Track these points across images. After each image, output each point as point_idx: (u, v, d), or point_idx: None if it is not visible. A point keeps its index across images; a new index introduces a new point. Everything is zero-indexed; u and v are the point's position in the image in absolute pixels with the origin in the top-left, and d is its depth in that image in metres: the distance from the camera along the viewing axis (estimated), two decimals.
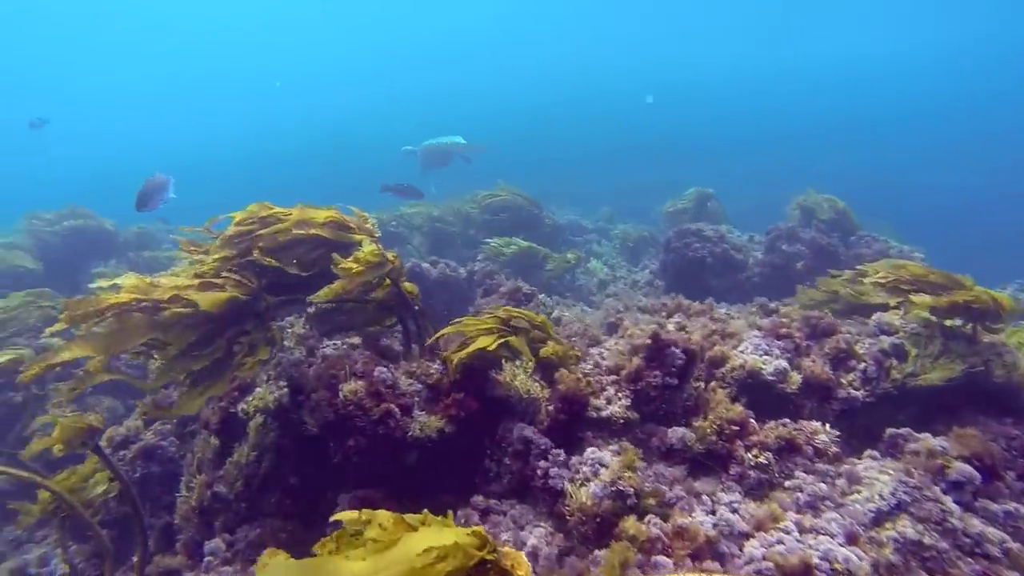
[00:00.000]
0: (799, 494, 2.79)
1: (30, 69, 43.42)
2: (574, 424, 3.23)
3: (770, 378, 3.36)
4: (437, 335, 3.81)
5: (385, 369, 3.28)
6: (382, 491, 3.35)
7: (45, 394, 5.57)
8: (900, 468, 2.66)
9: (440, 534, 1.86)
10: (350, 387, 3.13)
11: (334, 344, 4.70)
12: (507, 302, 5.50)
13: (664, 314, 4.96)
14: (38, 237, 9.75)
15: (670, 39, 44.18)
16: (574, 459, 3.03)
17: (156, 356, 3.34)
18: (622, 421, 3.26)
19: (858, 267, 4.92)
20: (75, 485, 3.59)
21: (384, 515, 1.93)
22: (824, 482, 2.83)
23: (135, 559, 3.93)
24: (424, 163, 10.81)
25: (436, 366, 3.50)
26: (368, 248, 3.51)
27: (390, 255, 3.60)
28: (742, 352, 3.61)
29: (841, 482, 2.82)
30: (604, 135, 38.85)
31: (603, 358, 3.88)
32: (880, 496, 2.51)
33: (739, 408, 3.18)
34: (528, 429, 3.14)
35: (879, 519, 2.46)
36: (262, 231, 3.70)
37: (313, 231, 3.74)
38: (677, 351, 3.43)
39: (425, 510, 2.03)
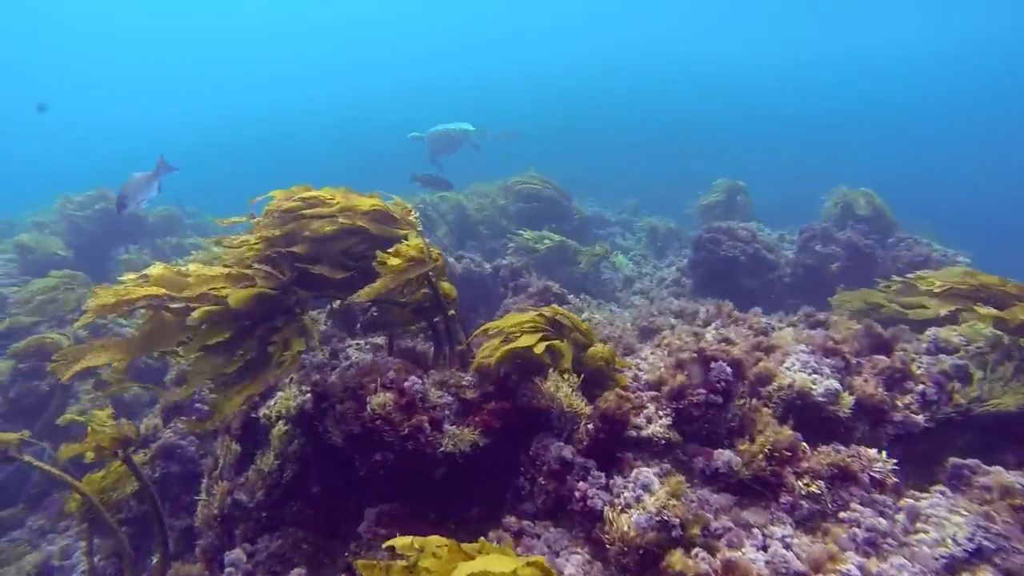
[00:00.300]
0: (856, 529, 2.59)
1: (40, 53, 43.76)
2: (613, 444, 3.05)
3: (820, 399, 3.14)
4: (474, 334, 3.65)
5: (418, 380, 3.12)
6: (408, 506, 3.22)
7: (71, 384, 5.54)
8: (978, 509, 2.45)
9: (498, 563, 1.71)
10: (378, 400, 2.98)
11: (356, 344, 4.57)
12: (536, 303, 5.32)
13: (700, 321, 4.74)
14: (70, 221, 9.73)
15: (690, 34, 43.38)
16: (616, 480, 2.86)
17: (181, 355, 3.20)
18: (663, 442, 3.07)
19: (909, 276, 4.63)
20: (109, 485, 3.49)
21: (438, 542, 1.80)
22: (883, 516, 2.62)
23: (154, 560, 3.89)
24: (431, 149, 10.55)
25: (469, 377, 3.34)
26: (414, 242, 3.30)
27: (434, 252, 3.41)
28: (789, 369, 3.39)
29: (902, 518, 2.61)
30: (622, 127, 38.32)
31: (641, 370, 3.69)
32: (954, 540, 2.30)
33: (788, 431, 2.97)
34: (566, 449, 2.97)
35: (953, 567, 2.26)
36: (307, 211, 3.47)
37: (359, 222, 3.48)
38: (723, 368, 3.22)
39: (482, 538, 1.89)
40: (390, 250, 3.31)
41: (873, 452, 2.87)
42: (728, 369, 3.25)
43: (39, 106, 14.46)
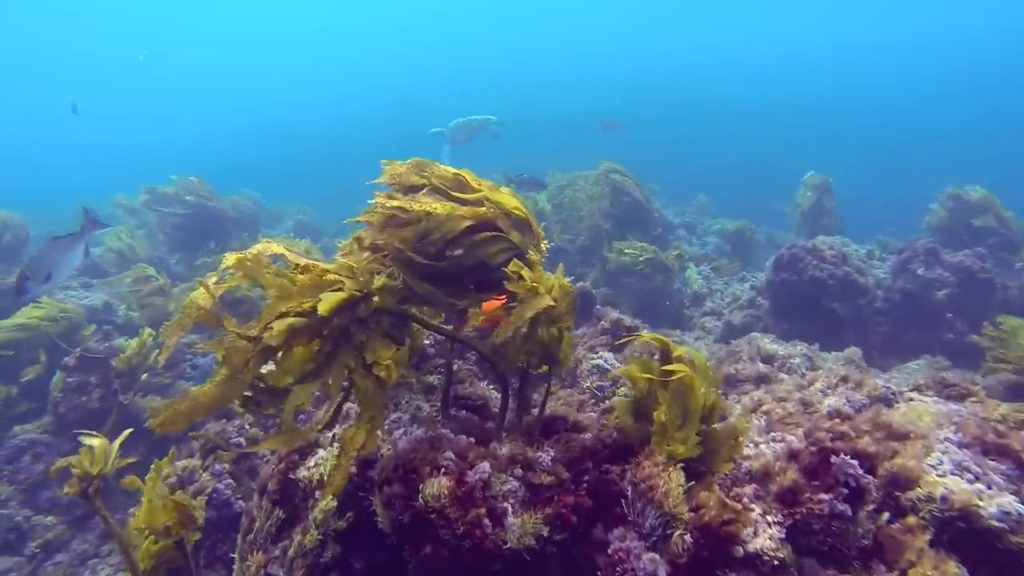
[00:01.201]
0: None
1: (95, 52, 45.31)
2: (714, 563, 2.48)
3: (995, 524, 2.46)
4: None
5: (483, 468, 2.64)
6: None
7: (129, 401, 5.33)
8: None
9: None
10: (432, 490, 2.53)
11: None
12: (608, 339, 4.73)
13: (803, 375, 4.05)
14: (161, 215, 9.42)
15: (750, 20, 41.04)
16: None
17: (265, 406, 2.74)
18: (775, 562, 2.48)
19: None
20: (165, 559, 3.18)
21: None
22: None
23: None
24: (452, 139, 10.66)
25: (544, 455, 2.83)
26: (559, 277, 2.78)
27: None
28: (935, 467, 2.71)
29: None
30: (675, 115, 36.68)
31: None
32: None
33: (954, 567, 2.32)
34: (662, 568, 2.43)
35: None
36: (457, 192, 2.90)
37: (502, 225, 2.87)
38: (851, 466, 2.59)
39: None
40: (523, 272, 2.69)
41: None
42: (857, 467, 2.62)
43: (73, 108, 14.78)
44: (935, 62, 41.08)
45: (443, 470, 2.64)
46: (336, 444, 3.25)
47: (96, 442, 3.03)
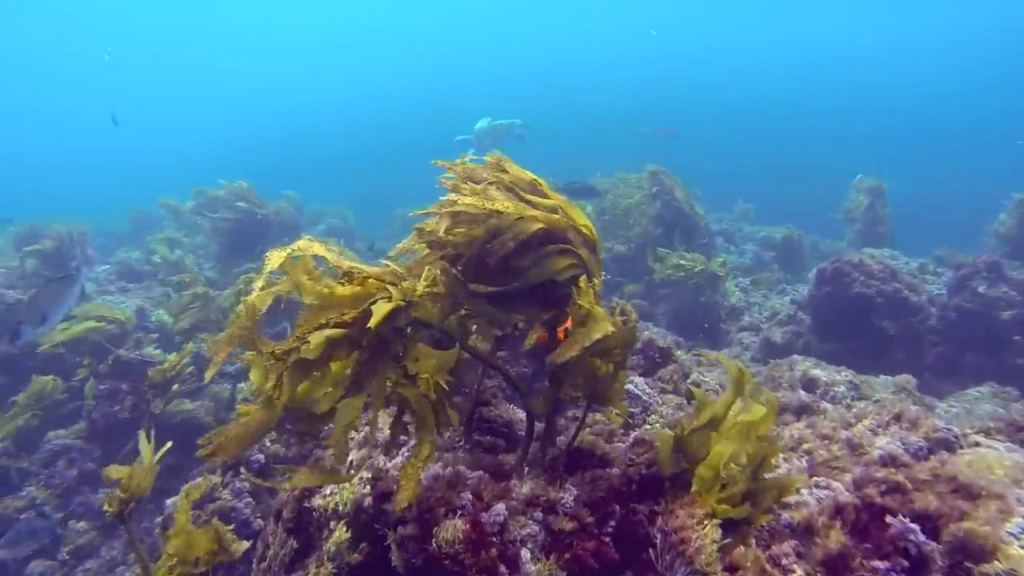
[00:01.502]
0: None
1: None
2: None
3: None
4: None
5: (499, 511, 2.49)
6: None
7: (161, 411, 5.38)
8: None
9: None
10: (446, 534, 2.39)
11: None
12: (639, 360, 4.49)
13: (848, 405, 3.74)
14: (212, 221, 9.46)
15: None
16: None
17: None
18: None
19: None
20: None
21: None
22: None
23: None
24: (478, 144, 10.64)
25: (566, 495, 2.67)
26: (623, 304, 2.68)
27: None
28: (1018, 539, 2.41)
29: None
30: (693, 114, 35.81)
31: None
32: None
33: None
34: None
35: None
36: (530, 196, 2.79)
37: (571, 242, 2.74)
38: (912, 532, 2.33)
39: None
40: (584, 295, 2.53)
41: None
42: (919, 532, 2.36)
43: (113, 119, 15.30)
44: (977, 56, 38.79)
45: (459, 512, 2.50)
46: (353, 471, 3.15)
47: (146, 455, 2.97)
